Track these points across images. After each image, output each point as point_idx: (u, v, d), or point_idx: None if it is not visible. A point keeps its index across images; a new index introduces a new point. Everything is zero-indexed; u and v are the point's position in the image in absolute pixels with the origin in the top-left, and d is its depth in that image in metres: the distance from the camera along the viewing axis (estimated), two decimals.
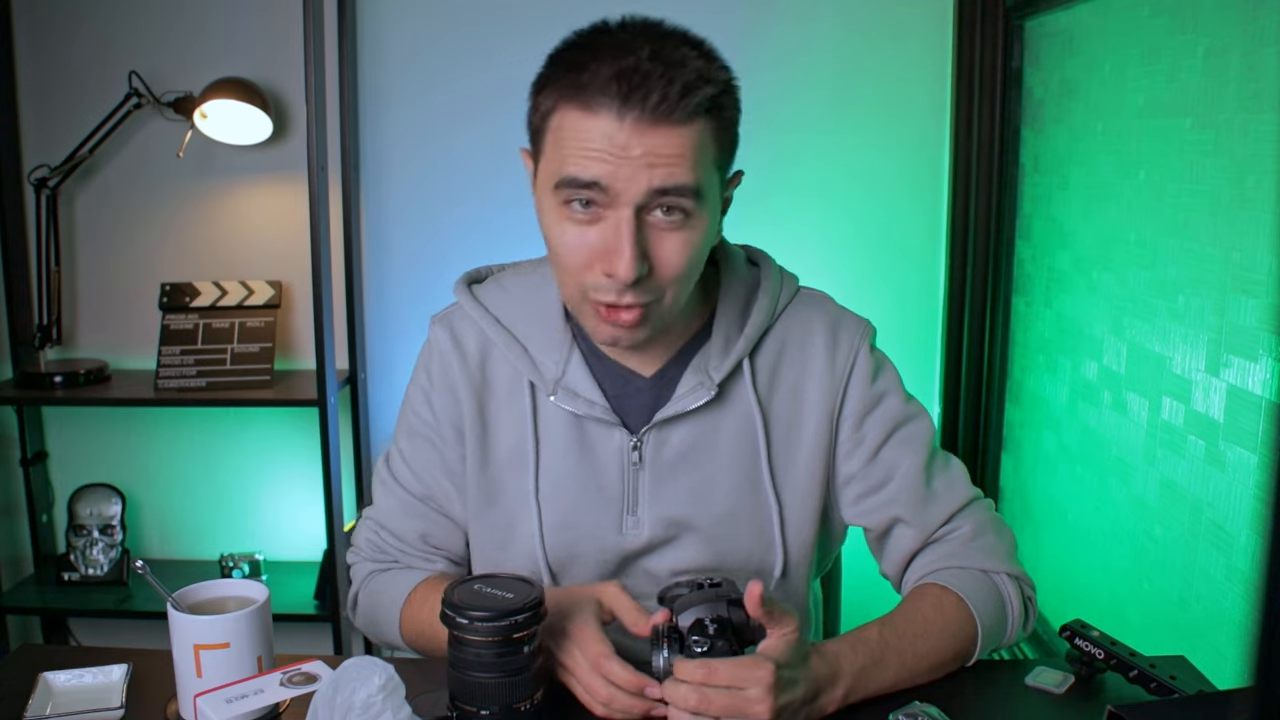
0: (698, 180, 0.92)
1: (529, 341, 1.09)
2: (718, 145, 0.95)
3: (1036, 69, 1.97)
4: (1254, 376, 1.20)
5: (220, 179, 2.30)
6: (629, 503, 1.08)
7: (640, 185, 0.91)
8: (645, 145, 0.90)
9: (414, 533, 1.14)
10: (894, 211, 2.24)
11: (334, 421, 2.11)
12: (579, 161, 0.92)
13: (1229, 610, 1.25)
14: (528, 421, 1.08)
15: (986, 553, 1.07)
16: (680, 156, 0.91)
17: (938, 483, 1.10)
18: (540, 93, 0.98)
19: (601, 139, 0.90)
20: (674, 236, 0.94)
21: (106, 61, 2.23)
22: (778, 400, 1.09)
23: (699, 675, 0.87)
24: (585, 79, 0.90)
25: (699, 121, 0.92)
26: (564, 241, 0.96)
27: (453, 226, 2.29)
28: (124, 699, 0.98)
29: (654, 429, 1.07)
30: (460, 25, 2.22)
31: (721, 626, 0.91)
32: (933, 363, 2.30)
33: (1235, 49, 1.25)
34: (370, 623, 1.14)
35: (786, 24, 2.17)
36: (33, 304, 2.31)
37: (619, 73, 0.89)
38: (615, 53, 0.90)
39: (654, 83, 0.89)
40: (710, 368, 1.07)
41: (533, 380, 1.08)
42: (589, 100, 0.90)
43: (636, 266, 0.92)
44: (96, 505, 2.35)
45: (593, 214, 0.94)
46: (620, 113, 0.89)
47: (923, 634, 1.00)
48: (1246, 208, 1.22)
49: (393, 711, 0.77)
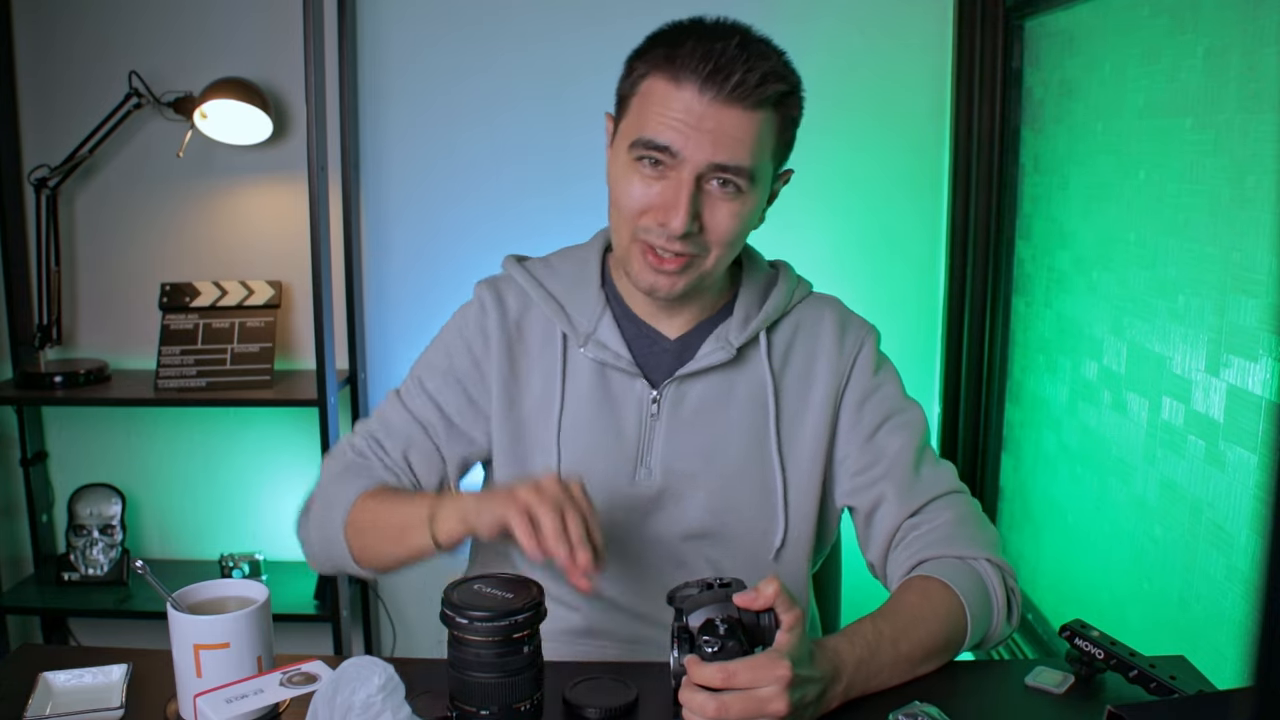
0: (754, 163, 1.04)
1: (566, 301, 1.19)
2: (777, 137, 1.07)
3: (1036, 69, 1.97)
4: (1254, 376, 1.20)
5: (220, 179, 2.30)
6: (643, 452, 1.15)
7: (704, 155, 1.02)
8: (716, 120, 1.02)
9: (399, 449, 1.18)
10: (894, 212, 2.24)
11: (334, 421, 2.11)
12: (657, 126, 1.03)
13: (1229, 610, 1.25)
14: (557, 370, 1.17)
15: (967, 540, 1.10)
16: (743, 139, 1.03)
17: (925, 470, 1.16)
18: (635, 61, 1.08)
19: (681, 108, 1.02)
20: (724, 205, 1.06)
21: (106, 61, 2.23)
22: (789, 375, 1.18)
23: (717, 679, 0.87)
24: (678, 54, 1.02)
25: (766, 111, 1.04)
26: (629, 191, 1.07)
27: (453, 226, 2.29)
28: (124, 699, 0.98)
29: (674, 383, 1.15)
30: (461, 26, 2.22)
31: (732, 627, 0.91)
32: (933, 363, 2.30)
33: (1235, 49, 1.25)
34: (321, 520, 1.15)
35: (786, 24, 2.16)
36: (33, 304, 2.31)
37: (708, 53, 1.01)
38: (708, 37, 1.03)
39: (736, 67, 1.01)
40: (730, 336, 1.16)
41: (565, 332, 1.17)
42: (677, 73, 1.02)
43: (688, 222, 1.04)
44: (96, 505, 2.35)
45: (659, 172, 1.05)
46: (702, 88, 1.01)
47: (914, 623, 1.02)
48: (1246, 208, 1.22)
49: (392, 711, 0.77)
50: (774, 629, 0.91)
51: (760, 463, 1.16)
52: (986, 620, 1.07)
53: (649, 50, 1.06)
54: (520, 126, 2.25)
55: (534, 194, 2.25)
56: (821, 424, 1.16)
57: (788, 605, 0.90)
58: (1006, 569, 1.10)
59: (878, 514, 1.15)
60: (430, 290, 2.30)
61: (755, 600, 0.91)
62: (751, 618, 0.92)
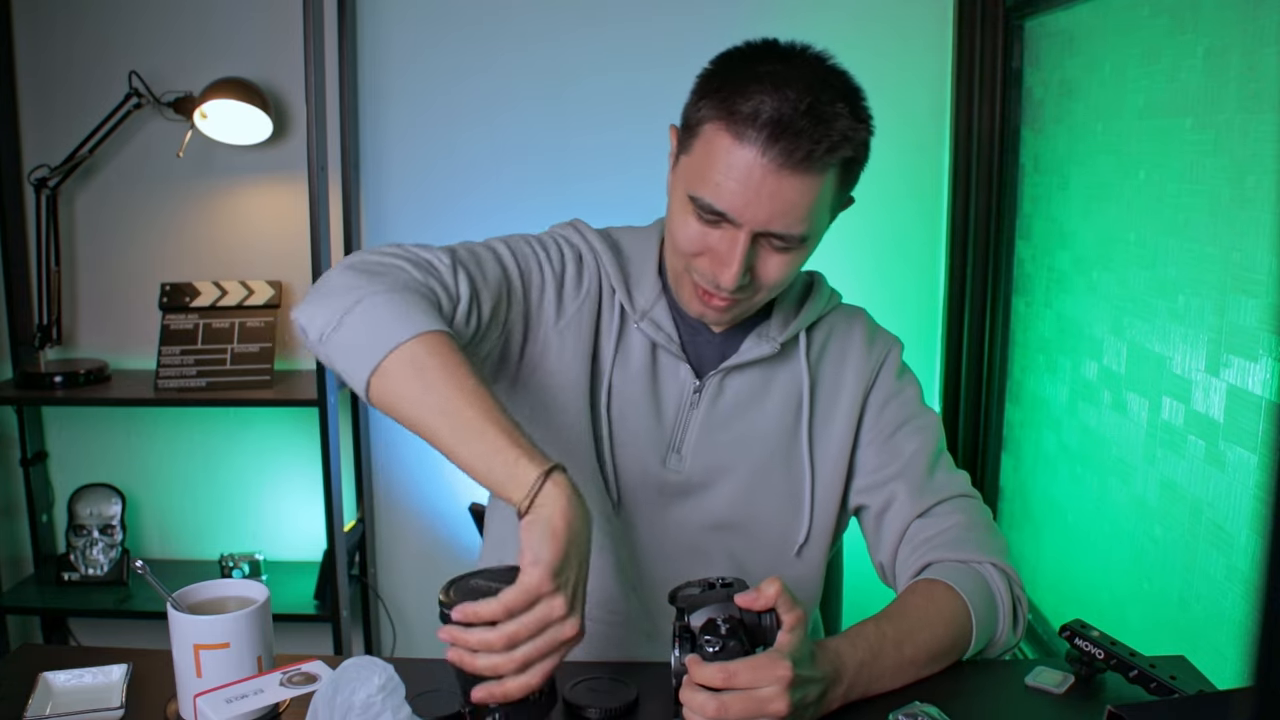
0: (809, 229, 1.03)
1: (629, 276, 1.17)
2: (838, 191, 1.05)
3: (1036, 69, 1.97)
4: (1254, 376, 1.20)
5: (220, 179, 2.30)
6: (676, 439, 1.16)
7: (759, 220, 1.00)
8: (776, 186, 0.98)
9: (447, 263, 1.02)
10: (894, 211, 2.24)
11: (334, 421, 2.11)
12: (715, 187, 1.00)
13: (1229, 610, 1.25)
14: (612, 338, 1.15)
15: (976, 545, 1.10)
16: (801, 204, 1.00)
17: (940, 474, 1.16)
18: (703, 96, 1.03)
19: (742, 169, 0.98)
20: (778, 258, 1.05)
21: (106, 61, 2.23)
22: (824, 374, 1.19)
23: (718, 679, 0.86)
24: (744, 110, 0.98)
25: (830, 171, 1.01)
26: (684, 232, 1.05)
27: (453, 226, 2.29)
28: (124, 699, 0.98)
29: (718, 375, 1.16)
30: (461, 26, 2.22)
31: (733, 627, 0.91)
32: (933, 363, 2.30)
33: (1235, 49, 1.25)
34: (356, 318, 0.92)
35: (786, 24, 2.17)
36: (33, 304, 2.31)
37: (774, 118, 0.96)
38: (776, 93, 0.97)
39: (802, 139, 0.97)
40: (772, 333, 1.17)
41: (624, 305, 1.15)
42: (741, 131, 0.98)
43: (739, 279, 1.03)
44: (96, 505, 2.35)
45: (715, 222, 1.02)
46: (764, 150, 0.97)
47: (918, 626, 1.01)
48: (1246, 208, 1.22)
49: (392, 711, 0.77)
50: (775, 629, 0.91)
51: (790, 459, 1.17)
52: (991, 626, 1.06)
53: (716, 86, 1.01)
54: (520, 126, 2.25)
55: (534, 194, 2.25)
56: (848, 424, 1.17)
57: (789, 606, 0.90)
58: (1014, 577, 1.10)
59: (889, 513, 1.15)
60: None
61: (756, 600, 0.91)
62: (753, 618, 0.92)
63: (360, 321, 0.92)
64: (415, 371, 0.89)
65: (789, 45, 1.04)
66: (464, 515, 1.68)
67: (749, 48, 1.04)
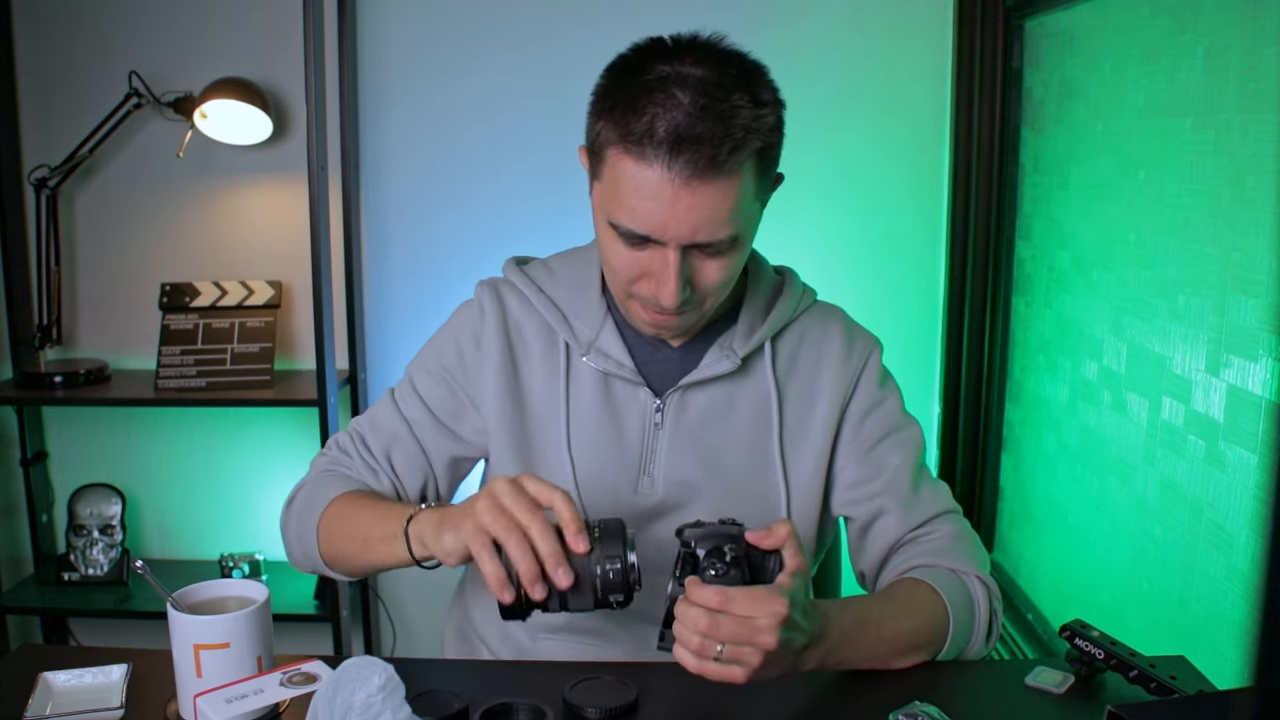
0: (737, 229, 0.99)
1: (567, 309, 1.16)
2: (759, 180, 1.00)
3: (1036, 69, 1.97)
4: (1254, 376, 1.20)
5: (220, 179, 2.30)
6: (645, 462, 1.14)
7: (684, 234, 0.97)
8: (691, 199, 0.95)
9: (382, 448, 1.18)
10: (894, 211, 2.24)
11: (334, 421, 2.11)
12: (630, 211, 0.97)
13: (1229, 610, 1.25)
14: (560, 378, 1.14)
15: (962, 556, 1.11)
16: (721, 209, 0.96)
17: (924, 489, 1.16)
18: (598, 117, 1.00)
19: (651, 190, 0.95)
20: (714, 264, 1.02)
21: (106, 61, 2.23)
22: (793, 386, 1.16)
23: (715, 601, 0.87)
24: (639, 129, 0.94)
25: (744, 167, 0.97)
26: (616, 259, 1.03)
27: (453, 226, 2.29)
28: (124, 699, 0.98)
29: (677, 392, 1.14)
30: (460, 25, 2.22)
31: (738, 558, 0.91)
32: (933, 363, 2.30)
33: (1235, 49, 1.25)
34: (299, 519, 1.15)
35: (786, 24, 2.17)
36: (33, 304, 2.31)
37: (671, 130, 0.93)
38: (669, 101, 0.94)
39: (704, 145, 0.93)
40: (735, 345, 1.14)
41: (567, 341, 1.14)
42: (642, 151, 0.95)
43: (680, 295, 1.01)
44: (96, 505, 2.35)
45: (640, 244, 1.00)
46: (668, 165, 0.94)
47: (901, 614, 1.03)
48: (1246, 208, 1.22)
49: (392, 711, 0.77)
50: (777, 571, 0.92)
51: (763, 473, 1.14)
52: (966, 632, 1.08)
53: (609, 105, 0.98)
54: (520, 126, 2.25)
55: (534, 194, 2.25)
56: (825, 435, 1.15)
57: (795, 551, 0.91)
58: (994, 590, 1.11)
59: (876, 526, 1.15)
60: (430, 290, 2.30)
61: (766, 539, 0.92)
62: (758, 556, 0.93)
63: (295, 529, 1.17)
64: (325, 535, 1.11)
65: (675, 41, 0.99)
66: None
67: (635, 54, 1.00)
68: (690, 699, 1.01)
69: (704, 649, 0.87)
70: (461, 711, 0.93)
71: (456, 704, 0.94)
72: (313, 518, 1.12)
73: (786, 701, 1.00)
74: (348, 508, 1.09)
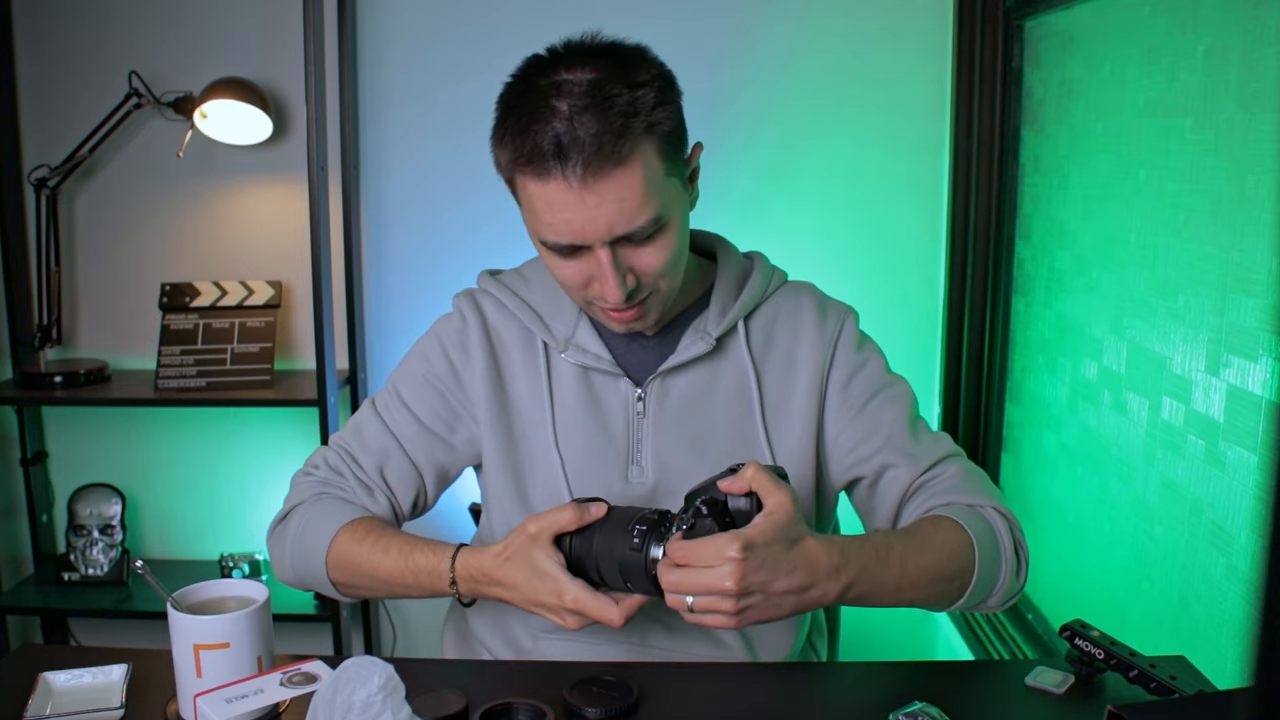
0: (654, 212, 1.00)
1: (542, 310, 1.19)
2: (665, 156, 1.01)
3: (1036, 69, 1.97)
4: (1254, 376, 1.20)
5: (220, 179, 2.30)
6: (633, 451, 1.16)
7: (603, 230, 1.00)
8: (598, 194, 0.98)
9: (374, 465, 1.18)
10: (894, 211, 2.24)
11: (334, 421, 2.11)
12: (548, 227, 1.02)
13: (1229, 610, 1.25)
14: (542, 377, 1.17)
15: (976, 491, 1.11)
16: (631, 195, 0.98)
17: (923, 436, 1.17)
18: (496, 149, 1.04)
19: (559, 202, 0.99)
20: (649, 249, 1.03)
21: (106, 61, 2.23)
22: (771, 362, 1.18)
23: (678, 556, 0.91)
24: (528, 147, 0.98)
25: (639, 150, 0.98)
26: (560, 273, 1.07)
27: (453, 226, 2.29)
28: (124, 699, 0.98)
29: (657, 379, 1.15)
30: (460, 25, 2.22)
31: (712, 508, 0.92)
32: (933, 363, 2.30)
33: (1235, 49, 1.25)
34: (298, 544, 1.15)
35: (785, 24, 2.17)
36: (33, 304, 2.31)
37: (555, 139, 0.96)
38: (548, 111, 0.97)
39: (587, 144, 0.96)
40: (708, 327, 1.16)
41: (545, 340, 1.17)
42: (539, 168, 0.98)
43: (622, 289, 1.03)
44: (96, 505, 2.35)
45: (573, 253, 1.04)
46: (564, 173, 0.97)
47: (924, 547, 1.03)
48: (1246, 208, 1.22)
49: (392, 711, 0.77)
50: (754, 513, 0.92)
51: (749, 450, 1.15)
52: (994, 563, 1.06)
53: (502, 134, 1.02)
54: None
55: None
56: (809, 408, 1.16)
57: (769, 489, 0.92)
58: (1014, 521, 1.11)
59: (884, 480, 1.15)
60: (430, 290, 2.30)
61: (734, 484, 0.94)
62: (738, 502, 0.93)
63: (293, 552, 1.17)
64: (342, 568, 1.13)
65: (551, 51, 1.03)
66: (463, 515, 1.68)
67: (515, 77, 1.03)
68: (690, 699, 1.01)
69: (678, 604, 0.91)
70: (461, 711, 0.93)
71: (456, 704, 0.94)
72: (320, 545, 1.12)
73: (787, 701, 1.01)
74: (371, 547, 1.10)
